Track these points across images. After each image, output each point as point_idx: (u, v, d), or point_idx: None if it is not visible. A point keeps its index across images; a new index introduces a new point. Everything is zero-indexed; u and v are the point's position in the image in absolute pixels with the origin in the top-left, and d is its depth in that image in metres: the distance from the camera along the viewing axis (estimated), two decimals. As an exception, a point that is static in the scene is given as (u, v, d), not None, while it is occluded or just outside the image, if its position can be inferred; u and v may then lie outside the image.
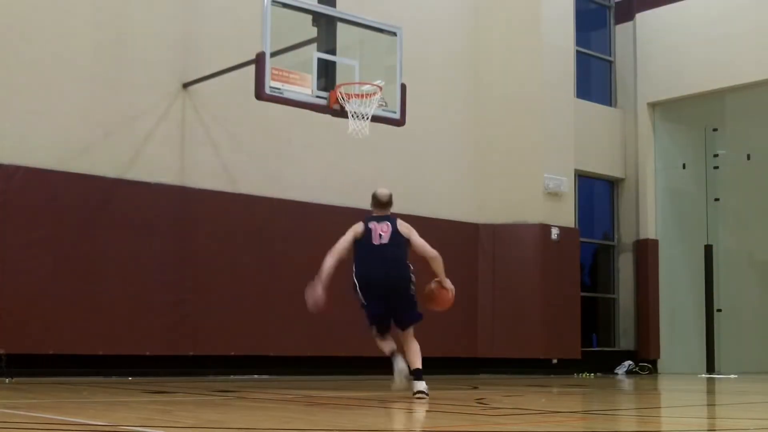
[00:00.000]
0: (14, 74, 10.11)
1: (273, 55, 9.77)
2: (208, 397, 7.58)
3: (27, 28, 10.24)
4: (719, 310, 16.73)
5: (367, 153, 12.61)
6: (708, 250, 16.57)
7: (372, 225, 7.76)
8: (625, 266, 16.60)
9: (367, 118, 9.99)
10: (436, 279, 7.97)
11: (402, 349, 7.81)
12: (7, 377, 9.35)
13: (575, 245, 14.64)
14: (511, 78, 14.36)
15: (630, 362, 15.76)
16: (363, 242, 7.71)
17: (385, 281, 7.71)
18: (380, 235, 7.74)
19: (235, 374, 11.23)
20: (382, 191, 7.98)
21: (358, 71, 10.26)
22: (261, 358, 11.56)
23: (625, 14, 16.93)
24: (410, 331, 7.89)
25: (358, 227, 7.77)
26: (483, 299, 13.86)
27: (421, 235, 7.88)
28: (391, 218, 7.88)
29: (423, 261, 7.90)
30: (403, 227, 7.87)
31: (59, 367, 9.98)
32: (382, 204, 7.92)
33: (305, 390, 8.76)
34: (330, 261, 7.56)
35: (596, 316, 16.74)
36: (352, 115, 9.94)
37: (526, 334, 13.77)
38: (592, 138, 15.91)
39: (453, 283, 7.73)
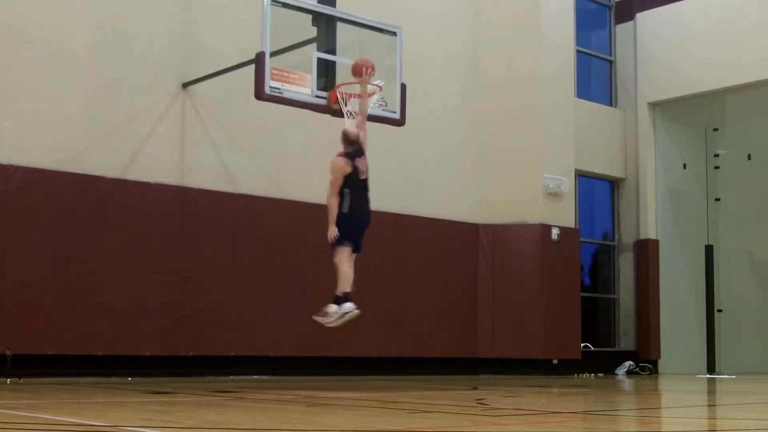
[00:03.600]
0: (14, 74, 10.10)
1: (273, 55, 9.76)
2: (207, 397, 7.57)
3: (27, 28, 10.23)
4: (720, 311, 16.71)
5: (367, 153, 12.58)
6: (708, 250, 16.57)
7: (357, 161, 9.06)
8: (625, 266, 16.59)
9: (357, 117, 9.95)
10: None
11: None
12: (10, 377, 9.34)
13: (575, 245, 14.63)
14: (511, 78, 14.34)
15: (630, 363, 15.75)
16: (352, 177, 9.01)
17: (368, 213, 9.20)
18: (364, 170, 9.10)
19: (234, 374, 11.23)
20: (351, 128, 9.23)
21: (358, 71, 10.24)
22: (261, 358, 11.55)
23: (625, 14, 16.93)
24: None
25: (346, 166, 9.00)
26: (483, 299, 13.85)
27: (421, 235, 7.97)
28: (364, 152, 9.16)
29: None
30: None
31: (59, 367, 9.97)
32: (352, 142, 9.13)
33: (305, 390, 8.75)
34: (334, 201, 9.02)
35: (596, 317, 16.73)
36: (348, 115, 9.91)
37: (526, 334, 13.76)
38: (592, 138, 15.91)
39: (453, 283, 7.78)
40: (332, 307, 8.94)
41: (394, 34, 10.77)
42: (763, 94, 15.94)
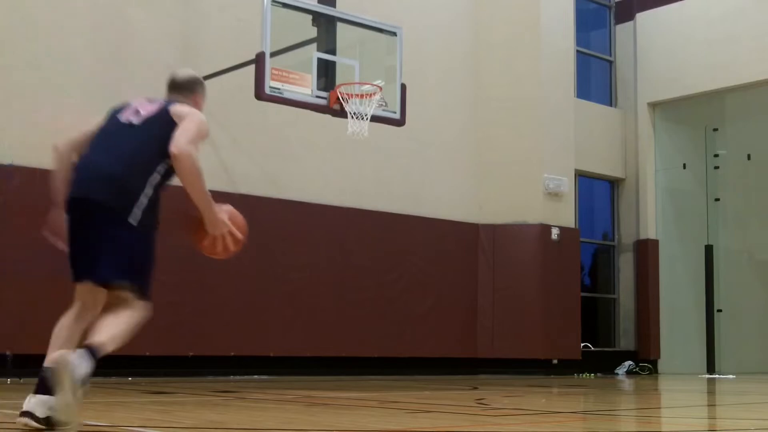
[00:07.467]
0: (14, 74, 10.10)
1: (273, 55, 9.76)
2: (207, 397, 7.57)
3: (27, 28, 10.23)
4: (719, 311, 16.71)
5: (367, 153, 12.61)
6: (708, 250, 16.57)
7: (135, 102, 5.12)
8: (625, 266, 16.59)
9: (367, 118, 9.98)
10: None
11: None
12: (11, 377, 9.34)
13: (575, 245, 14.63)
14: (511, 78, 14.35)
15: (630, 362, 15.76)
16: (106, 122, 5.03)
17: (88, 184, 4.62)
18: (137, 110, 5.02)
19: (235, 374, 11.23)
20: (184, 70, 5.37)
21: (358, 71, 10.26)
22: (261, 358, 11.55)
23: (625, 14, 16.93)
24: (118, 295, 4.59)
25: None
26: (483, 299, 13.85)
27: (421, 235, 7.81)
28: (173, 102, 5.06)
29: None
30: (181, 109, 4.95)
31: (59, 367, 9.95)
32: (175, 87, 5.36)
33: (305, 390, 8.75)
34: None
35: (596, 317, 16.73)
36: (352, 116, 9.94)
37: (526, 334, 13.76)
38: (592, 138, 15.91)
39: (453, 283, 7.46)
40: None
41: (394, 34, 10.77)
42: (763, 94, 15.94)
